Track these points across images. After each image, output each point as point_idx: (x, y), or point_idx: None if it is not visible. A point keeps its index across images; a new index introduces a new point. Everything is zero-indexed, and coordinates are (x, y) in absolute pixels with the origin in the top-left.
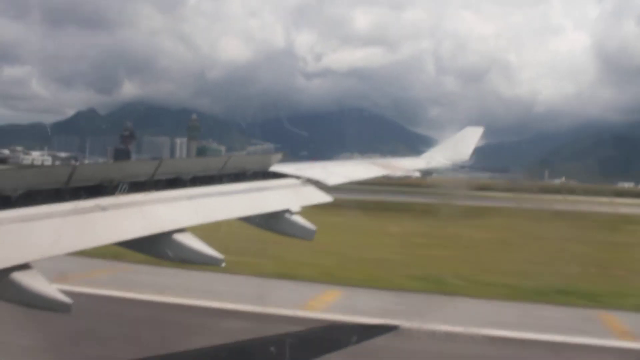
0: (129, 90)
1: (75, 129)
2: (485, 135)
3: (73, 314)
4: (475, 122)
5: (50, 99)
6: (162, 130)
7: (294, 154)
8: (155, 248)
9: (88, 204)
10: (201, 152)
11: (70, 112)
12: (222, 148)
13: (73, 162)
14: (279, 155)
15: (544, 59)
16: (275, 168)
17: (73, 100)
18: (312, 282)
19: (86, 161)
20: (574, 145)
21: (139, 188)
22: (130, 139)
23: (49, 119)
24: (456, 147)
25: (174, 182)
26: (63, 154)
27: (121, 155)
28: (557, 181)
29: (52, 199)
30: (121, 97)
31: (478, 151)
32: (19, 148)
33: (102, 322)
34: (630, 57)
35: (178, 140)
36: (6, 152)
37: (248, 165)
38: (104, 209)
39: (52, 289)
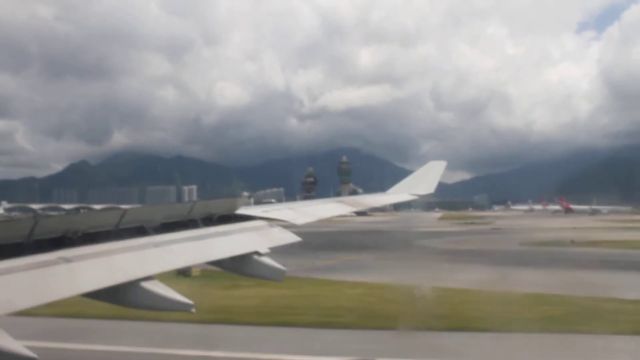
0: (119, 139)
1: (69, 181)
2: (473, 168)
3: None
4: (465, 156)
5: (35, 152)
6: (157, 178)
7: (294, 195)
8: (123, 297)
9: (51, 257)
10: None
11: (56, 165)
12: (360, 190)
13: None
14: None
15: (542, 89)
16: (242, 211)
17: (57, 153)
18: None
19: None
20: (586, 173)
21: (105, 238)
22: (313, 185)
23: (31, 173)
24: (421, 181)
25: (140, 230)
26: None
27: None
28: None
29: (13, 254)
30: (111, 147)
31: (468, 184)
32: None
33: None
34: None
35: (186, 188)
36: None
37: (214, 209)
38: (67, 260)
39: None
